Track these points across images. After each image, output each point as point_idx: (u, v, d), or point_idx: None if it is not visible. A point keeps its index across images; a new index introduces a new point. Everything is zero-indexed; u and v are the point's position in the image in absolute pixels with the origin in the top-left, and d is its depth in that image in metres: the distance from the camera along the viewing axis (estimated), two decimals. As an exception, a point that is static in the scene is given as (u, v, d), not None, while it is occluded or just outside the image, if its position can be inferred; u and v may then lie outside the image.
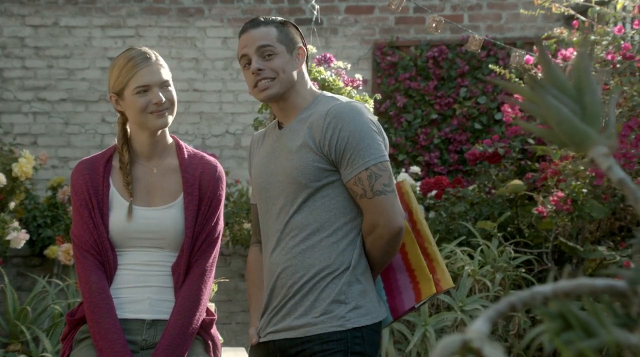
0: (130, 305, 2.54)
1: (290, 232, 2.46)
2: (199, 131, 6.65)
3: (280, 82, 2.48)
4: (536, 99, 0.96)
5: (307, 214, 2.44)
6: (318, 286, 2.42)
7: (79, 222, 2.57)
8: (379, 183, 2.39)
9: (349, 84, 3.52)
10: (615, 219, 4.90)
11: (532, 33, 6.68)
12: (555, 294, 0.82)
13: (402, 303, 2.59)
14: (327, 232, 2.43)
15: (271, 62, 2.47)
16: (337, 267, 2.42)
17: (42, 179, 6.57)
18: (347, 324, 2.39)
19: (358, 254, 2.45)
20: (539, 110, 0.94)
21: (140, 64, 2.55)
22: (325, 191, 2.44)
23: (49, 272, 6.00)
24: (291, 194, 2.46)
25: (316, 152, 2.42)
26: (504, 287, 4.64)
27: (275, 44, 2.49)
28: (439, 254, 2.61)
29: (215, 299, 3.32)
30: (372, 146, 2.40)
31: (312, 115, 2.47)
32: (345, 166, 2.41)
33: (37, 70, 6.74)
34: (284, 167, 2.47)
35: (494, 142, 5.41)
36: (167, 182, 2.63)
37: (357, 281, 2.43)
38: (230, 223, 5.89)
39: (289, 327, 2.43)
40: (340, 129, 2.39)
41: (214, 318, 2.66)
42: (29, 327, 4.57)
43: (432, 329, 4.27)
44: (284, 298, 2.46)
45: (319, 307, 2.40)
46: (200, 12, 6.77)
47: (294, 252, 2.44)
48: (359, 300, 2.42)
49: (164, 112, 2.56)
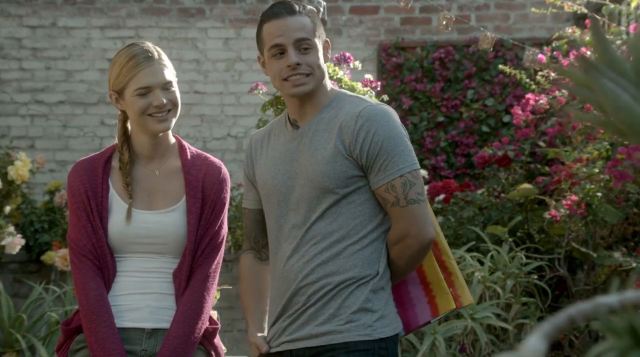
0: (129, 313, 2.47)
1: (311, 239, 2.35)
2: (200, 134, 6.63)
3: (314, 79, 2.37)
4: (590, 83, 0.83)
5: (331, 221, 2.34)
6: (342, 293, 2.32)
7: (76, 226, 2.48)
8: (413, 191, 2.30)
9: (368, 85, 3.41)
10: (628, 224, 4.81)
11: (541, 34, 6.59)
12: (622, 305, 0.74)
13: (415, 317, 2.49)
14: (353, 240, 2.33)
15: (308, 56, 2.35)
16: (363, 275, 2.33)
17: (39, 183, 6.51)
18: (375, 334, 2.30)
19: (384, 262, 2.36)
20: (593, 96, 0.81)
21: (142, 63, 2.44)
22: (351, 197, 2.34)
23: (46, 279, 5.95)
24: (314, 200, 2.34)
25: (346, 157, 2.31)
26: (515, 294, 4.56)
27: (312, 37, 2.37)
28: (457, 268, 2.51)
29: (217, 306, 3.23)
30: (406, 153, 2.32)
31: (337, 115, 2.35)
32: (377, 172, 2.31)
33: (34, 71, 6.68)
34: (307, 172, 2.35)
35: (504, 145, 5.32)
36: (169, 184, 2.55)
37: (382, 289, 2.35)
38: (232, 228, 5.81)
39: (310, 336, 2.33)
40: (374, 133, 2.29)
41: (217, 327, 2.57)
42: (24, 336, 4.52)
43: (441, 338, 4.19)
44: (303, 306, 2.35)
45: (343, 315, 2.31)
46: (201, 12, 6.71)
47: (316, 261, 2.34)
48: (384, 309, 2.34)
49: (166, 115, 2.46)
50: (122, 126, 2.57)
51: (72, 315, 2.54)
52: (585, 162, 4.59)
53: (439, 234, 2.50)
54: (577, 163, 4.58)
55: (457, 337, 4.37)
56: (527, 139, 5.40)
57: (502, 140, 5.47)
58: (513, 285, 4.55)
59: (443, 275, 2.48)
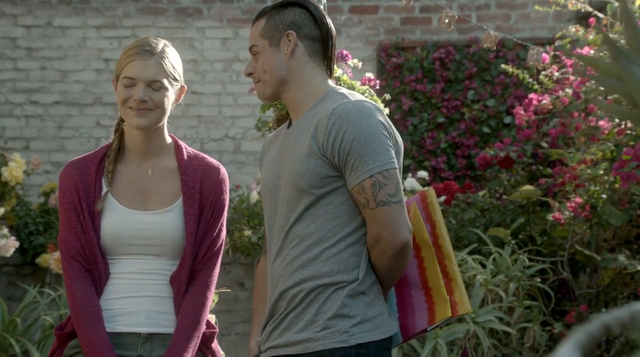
0: (124, 317, 2.42)
1: (291, 241, 2.28)
2: (197, 135, 6.57)
3: (264, 84, 2.32)
4: (618, 72, 0.76)
5: (309, 222, 2.25)
6: (318, 298, 2.24)
7: (66, 227, 2.44)
8: (383, 193, 2.19)
9: (366, 83, 3.33)
10: (632, 226, 4.75)
11: (543, 34, 6.53)
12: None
13: (414, 323, 2.40)
14: (330, 242, 2.24)
15: (257, 62, 2.32)
16: (340, 280, 2.24)
17: (34, 184, 6.46)
18: (351, 340, 2.21)
19: (364, 265, 2.26)
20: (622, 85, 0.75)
21: (138, 54, 2.42)
22: (329, 198, 2.25)
23: (40, 282, 5.93)
24: (293, 201, 2.27)
25: (319, 156, 2.22)
26: (518, 298, 4.50)
27: (257, 40, 2.32)
28: (459, 275, 2.40)
29: (215, 309, 3.17)
30: (379, 151, 2.20)
31: (318, 113, 2.27)
32: (350, 173, 2.21)
33: (29, 72, 6.61)
34: (287, 172, 2.28)
35: (506, 146, 5.26)
36: (164, 184, 2.49)
37: (362, 293, 2.25)
38: (230, 230, 5.75)
39: (289, 343, 2.27)
40: (344, 131, 2.19)
41: (214, 331, 2.53)
42: (18, 340, 4.47)
43: (442, 342, 4.15)
44: (285, 311, 2.29)
45: (320, 321, 2.23)
46: (198, 12, 6.65)
47: (294, 264, 2.27)
48: (365, 313, 2.24)
49: (145, 112, 2.42)
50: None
51: (65, 320, 2.50)
52: (589, 164, 4.53)
53: (443, 237, 2.41)
54: (581, 164, 4.52)
55: (459, 341, 4.32)
56: (529, 140, 5.34)
57: (504, 141, 5.41)
58: (516, 288, 4.49)
59: (443, 281, 2.39)
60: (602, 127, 4.60)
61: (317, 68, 2.35)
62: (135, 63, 2.41)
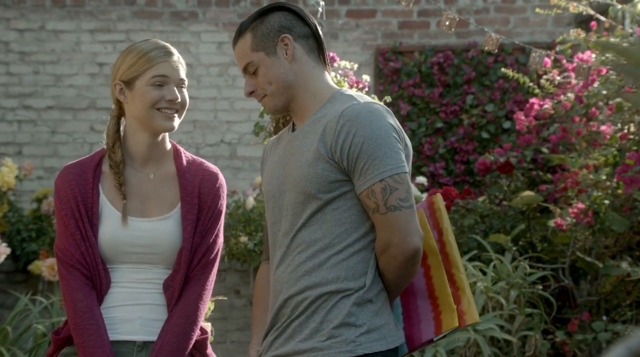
0: (120, 325, 2.38)
1: (297, 247, 2.23)
2: (193, 140, 6.52)
3: (273, 96, 2.26)
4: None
5: (315, 228, 2.20)
6: (324, 306, 2.18)
7: (63, 234, 2.38)
8: (393, 197, 2.14)
9: (354, 86, 3.27)
10: (633, 232, 4.70)
11: (542, 38, 6.48)
12: None
13: (419, 334, 2.34)
14: (336, 249, 2.19)
15: (257, 77, 2.26)
16: (347, 287, 2.18)
17: (27, 190, 6.41)
18: (358, 350, 2.15)
19: (372, 273, 2.21)
20: None
21: (163, 56, 2.40)
22: (336, 203, 2.19)
23: (33, 289, 5.88)
24: (299, 206, 2.21)
25: (327, 160, 2.17)
26: (519, 305, 4.44)
27: (251, 56, 2.26)
28: (467, 283, 2.33)
29: (210, 317, 3.12)
30: (389, 155, 2.14)
31: (326, 115, 2.22)
32: (359, 176, 2.16)
33: (22, 76, 6.55)
34: (293, 176, 2.23)
35: (506, 151, 5.20)
36: (164, 190, 2.46)
37: (369, 301, 2.19)
38: (226, 236, 5.69)
39: (292, 352, 2.21)
40: (354, 134, 2.14)
41: (206, 336, 2.48)
42: (9, 349, 4.42)
43: (443, 350, 4.11)
44: (288, 319, 2.23)
45: (325, 330, 2.17)
46: (194, 15, 6.59)
47: (300, 271, 2.21)
48: (372, 323, 2.18)
49: (173, 113, 2.40)
50: (116, 123, 2.48)
51: (62, 324, 2.46)
52: (591, 169, 4.47)
53: (451, 245, 2.35)
54: (583, 170, 4.47)
55: (460, 349, 4.28)
56: (529, 146, 5.28)
57: (504, 146, 5.36)
58: (517, 296, 4.43)
59: (451, 289, 2.33)
60: (603, 132, 4.55)
61: (317, 66, 2.31)
62: (165, 64, 2.38)
